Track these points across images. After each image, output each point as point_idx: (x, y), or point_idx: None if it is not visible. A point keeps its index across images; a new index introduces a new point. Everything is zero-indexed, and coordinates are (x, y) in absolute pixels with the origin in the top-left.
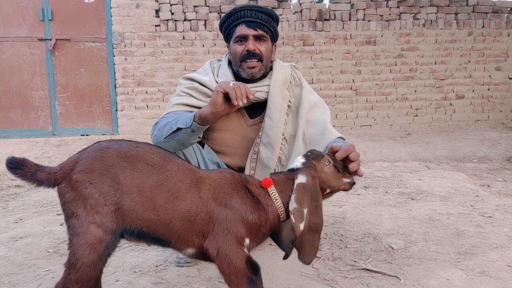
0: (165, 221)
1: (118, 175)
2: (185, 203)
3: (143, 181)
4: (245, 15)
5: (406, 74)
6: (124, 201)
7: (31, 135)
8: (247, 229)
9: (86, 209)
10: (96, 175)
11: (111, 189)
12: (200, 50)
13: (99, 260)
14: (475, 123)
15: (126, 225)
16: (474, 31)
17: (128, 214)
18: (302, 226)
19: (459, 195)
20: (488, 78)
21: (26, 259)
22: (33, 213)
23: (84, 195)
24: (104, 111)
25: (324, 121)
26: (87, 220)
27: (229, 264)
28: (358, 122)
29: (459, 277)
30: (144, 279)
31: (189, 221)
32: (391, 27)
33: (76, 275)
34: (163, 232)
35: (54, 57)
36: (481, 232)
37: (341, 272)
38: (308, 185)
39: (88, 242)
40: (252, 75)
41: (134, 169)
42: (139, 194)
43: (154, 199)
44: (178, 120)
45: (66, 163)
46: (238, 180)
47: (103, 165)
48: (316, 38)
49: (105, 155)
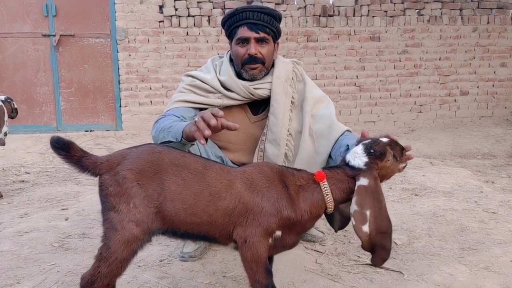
0: (208, 221)
1: (164, 181)
2: (225, 202)
3: (186, 189)
4: (247, 16)
5: (410, 70)
6: (166, 206)
7: (35, 131)
8: (280, 223)
9: (129, 207)
10: (144, 176)
11: (155, 193)
12: (203, 46)
13: (130, 257)
14: (480, 119)
15: (168, 227)
16: (479, 27)
17: (169, 218)
18: (365, 228)
19: (463, 191)
20: (493, 74)
21: (31, 254)
22: (38, 208)
23: (129, 193)
24: (108, 107)
25: (330, 115)
26: (128, 217)
27: (254, 253)
28: (362, 118)
29: (463, 272)
30: (148, 273)
31: (228, 215)
32: (395, 23)
33: (106, 269)
34: (206, 230)
35: (58, 53)
36: (485, 228)
37: (344, 267)
38: (370, 188)
39: (124, 239)
40: (253, 76)
41: (179, 176)
42: (182, 201)
43: (196, 205)
44: (170, 131)
45: (114, 156)
46: (275, 173)
47: (152, 169)
48: (320, 34)
49: (156, 159)
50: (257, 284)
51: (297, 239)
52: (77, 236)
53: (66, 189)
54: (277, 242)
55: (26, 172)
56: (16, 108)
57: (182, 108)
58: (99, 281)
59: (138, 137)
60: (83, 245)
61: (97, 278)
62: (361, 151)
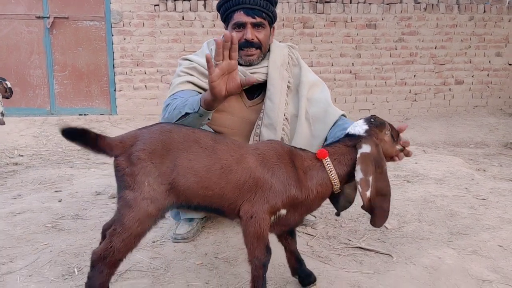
0: (219, 194)
1: (176, 158)
2: (236, 175)
3: (198, 163)
4: (243, 1)
5: (406, 59)
6: (179, 181)
7: (29, 114)
8: (287, 202)
9: (144, 185)
10: (157, 155)
11: (168, 170)
12: (199, 31)
13: (144, 233)
14: (474, 108)
15: (181, 202)
16: (475, 16)
17: (183, 193)
18: (368, 193)
19: (455, 178)
20: (488, 64)
21: (24, 234)
22: (31, 190)
23: (144, 172)
24: (102, 91)
25: (326, 99)
26: (142, 195)
27: (257, 229)
28: (357, 106)
29: (451, 255)
30: (141, 253)
31: (238, 188)
32: (392, 10)
33: (120, 244)
34: (217, 203)
35: (52, 35)
36: (474, 213)
37: (335, 250)
38: (372, 154)
39: (139, 215)
40: (250, 62)
41: (190, 152)
42: (194, 174)
43: (208, 177)
44: (186, 104)
45: (127, 137)
46: (286, 152)
47: (164, 147)
48: (316, 21)
49: (167, 138)
50: (255, 260)
51: (301, 219)
52: (70, 217)
53: (60, 171)
54: (281, 220)
55: (20, 155)
56: (10, 87)
57: (186, 90)
58: (111, 255)
59: (133, 122)
60: (76, 226)
61: (110, 252)
62: (361, 122)
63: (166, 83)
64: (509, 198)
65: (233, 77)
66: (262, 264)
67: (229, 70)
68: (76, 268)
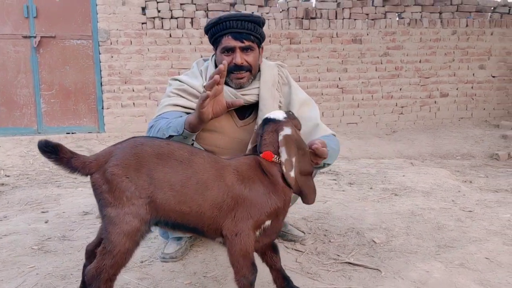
0: (197, 212)
1: (151, 171)
2: (213, 192)
3: (174, 176)
4: (231, 26)
5: (392, 72)
6: (157, 195)
7: (16, 133)
8: (270, 213)
9: (123, 201)
10: (131, 169)
11: (145, 183)
12: (187, 48)
13: (134, 247)
14: (459, 120)
15: (160, 217)
16: (458, 30)
17: (161, 207)
18: (292, 174)
19: (441, 190)
20: (472, 77)
21: (10, 256)
22: (18, 211)
23: (120, 187)
24: (90, 109)
25: (315, 118)
26: (124, 211)
27: (242, 247)
28: (344, 119)
29: (438, 269)
30: (129, 274)
31: (217, 208)
32: (376, 25)
33: (111, 261)
34: (196, 222)
35: (39, 54)
36: (461, 226)
37: (324, 265)
38: (293, 136)
39: (125, 231)
40: (240, 85)
41: (165, 165)
42: (171, 188)
43: (185, 192)
44: (169, 127)
45: (101, 154)
46: (255, 163)
47: (138, 161)
48: (302, 37)
49: (140, 151)
50: (243, 279)
51: (281, 225)
52: (57, 238)
53: (47, 191)
54: (266, 231)
55: (6, 175)
56: None
57: (173, 112)
58: (104, 272)
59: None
60: (63, 248)
61: (103, 269)
62: (279, 111)
63: (154, 100)
64: (495, 210)
65: (219, 100)
66: (249, 282)
67: (216, 94)
68: None
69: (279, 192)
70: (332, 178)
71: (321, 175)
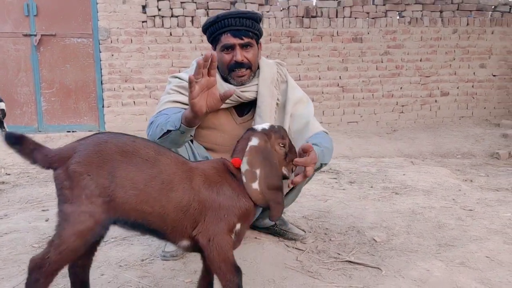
0: (159, 213)
1: (114, 169)
2: (178, 194)
3: (137, 175)
4: (229, 23)
5: (392, 71)
6: (118, 193)
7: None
8: (240, 215)
9: (81, 199)
10: (93, 167)
11: (107, 181)
12: (187, 47)
13: (82, 247)
14: (460, 119)
15: (119, 216)
16: (458, 29)
17: (122, 206)
18: (255, 186)
19: (442, 189)
20: (473, 75)
21: (11, 254)
22: (18, 209)
23: (80, 185)
24: (91, 107)
25: (308, 115)
26: (80, 209)
27: (220, 252)
28: (345, 118)
29: (439, 268)
30: (129, 273)
31: (182, 211)
32: (377, 24)
33: (56, 257)
34: (157, 223)
35: (40, 53)
36: (461, 224)
37: (324, 264)
38: (260, 148)
39: (77, 230)
40: (241, 82)
41: (129, 163)
42: (133, 187)
43: (148, 192)
44: (168, 122)
45: (65, 149)
46: (223, 167)
47: (101, 158)
48: (303, 35)
49: (104, 148)
50: (229, 284)
51: (248, 228)
52: None
53: (47, 190)
54: (238, 236)
55: (7, 174)
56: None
57: (173, 108)
58: (47, 266)
59: None
60: None
61: (46, 263)
62: (266, 123)
63: (155, 99)
64: (495, 209)
65: (213, 92)
66: (236, 285)
67: (209, 86)
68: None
69: (246, 194)
70: (332, 176)
71: (322, 173)
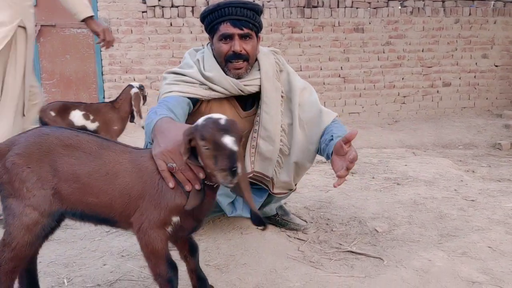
0: (106, 202)
1: (56, 162)
2: (124, 180)
3: (80, 168)
4: (230, 12)
5: (394, 62)
6: (62, 186)
7: None
8: (175, 208)
9: (23, 192)
10: (34, 159)
11: (49, 175)
12: (188, 37)
13: (34, 240)
14: (462, 110)
15: (66, 208)
16: (461, 19)
17: (67, 198)
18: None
19: (444, 180)
20: (475, 66)
21: None
22: None
23: (21, 178)
24: (91, 98)
25: (316, 102)
26: (24, 203)
27: (148, 243)
28: (347, 109)
29: (441, 258)
30: (131, 262)
31: (128, 194)
32: (379, 14)
33: (10, 254)
34: (106, 212)
35: (40, 43)
36: (463, 215)
37: (326, 254)
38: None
39: (24, 224)
40: (238, 75)
41: (71, 156)
42: (77, 180)
43: (92, 184)
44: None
45: (4, 143)
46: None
47: (41, 151)
48: (304, 25)
49: (44, 141)
50: (158, 278)
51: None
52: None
53: None
54: (176, 227)
55: None
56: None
57: (175, 96)
58: (4, 265)
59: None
60: (65, 236)
61: (2, 262)
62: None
63: (156, 90)
64: (497, 199)
65: None
66: (166, 281)
67: None
68: (65, 278)
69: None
70: None
71: (323, 164)
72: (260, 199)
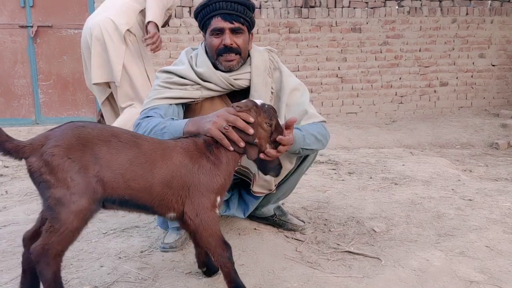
0: (146, 188)
1: (95, 151)
2: (162, 170)
3: (120, 156)
4: (220, 7)
5: (391, 62)
6: (104, 173)
7: (14, 124)
8: (218, 189)
9: (67, 181)
10: (73, 150)
11: (90, 163)
12: (185, 38)
13: (82, 226)
14: (459, 110)
15: (108, 194)
16: (458, 18)
17: (109, 185)
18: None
19: (441, 179)
20: (472, 65)
21: (10, 247)
22: (17, 201)
23: (63, 168)
24: (88, 99)
25: (304, 104)
26: (70, 191)
27: (206, 227)
28: (344, 109)
29: (438, 257)
30: (129, 264)
31: (167, 186)
32: (376, 14)
33: (58, 238)
34: (145, 198)
35: (36, 44)
36: (461, 214)
37: (324, 254)
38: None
39: (73, 211)
40: (230, 68)
41: (110, 146)
42: (119, 167)
43: (133, 170)
44: (164, 132)
45: (37, 138)
46: (202, 144)
47: (79, 141)
48: (301, 26)
49: (81, 132)
50: (220, 258)
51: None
52: None
53: None
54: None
55: (5, 166)
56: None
57: (162, 105)
58: (52, 248)
59: None
60: None
61: (50, 247)
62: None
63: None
64: (495, 199)
65: None
66: (227, 259)
67: None
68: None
69: (222, 169)
70: (331, 167)
71: (321, 164)
72: (257, 200)
